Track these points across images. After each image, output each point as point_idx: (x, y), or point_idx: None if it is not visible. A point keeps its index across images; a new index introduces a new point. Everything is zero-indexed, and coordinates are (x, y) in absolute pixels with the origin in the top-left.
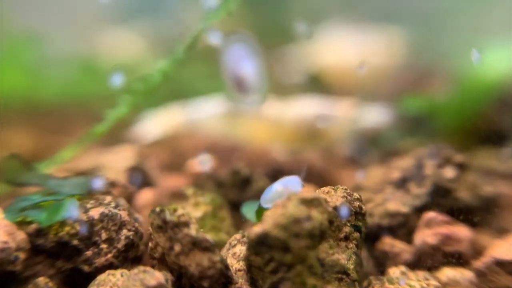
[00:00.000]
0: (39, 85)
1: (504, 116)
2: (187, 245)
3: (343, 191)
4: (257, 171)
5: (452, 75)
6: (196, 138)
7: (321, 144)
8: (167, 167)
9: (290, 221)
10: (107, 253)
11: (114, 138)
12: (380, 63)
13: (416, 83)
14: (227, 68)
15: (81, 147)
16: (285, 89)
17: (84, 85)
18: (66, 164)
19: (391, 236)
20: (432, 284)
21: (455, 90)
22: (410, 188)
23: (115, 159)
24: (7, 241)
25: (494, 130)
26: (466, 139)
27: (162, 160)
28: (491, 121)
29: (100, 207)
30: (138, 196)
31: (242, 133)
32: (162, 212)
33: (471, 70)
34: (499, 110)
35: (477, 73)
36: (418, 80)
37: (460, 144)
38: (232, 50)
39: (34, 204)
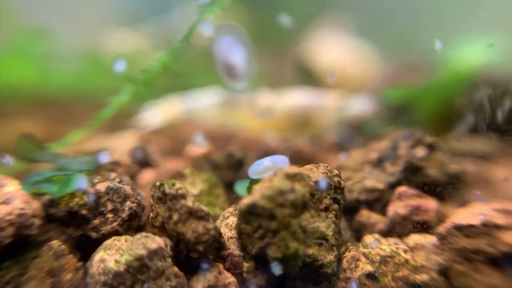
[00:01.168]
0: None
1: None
2: (184, 214)
3: (324, 168)
4: (250, 155)
5: (431, 69)
6: (194, 126)
7: (310, 132)
8: (167, 152)
9: (276, 192)
10: (113, 221)
11: (118, 126)
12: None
13: (399, 78)
14: (218, 56)
15: (87, 132)
16: (278, 82)
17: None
18: (74, 147)
19: (368, 209)
20: (400, 247)
21: (432, 81)
22: (385, 167)
23: (119, 143)
24: (24, 208)
25: (457, 114)
26: (441, 125)
27: (163, 146)
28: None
29: (106, 181)
30: (140, 175)
31: (237, 122)
32: (162, 185)
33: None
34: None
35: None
36: (401, 75)
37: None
38: (222, 40)
39: (46, 178)
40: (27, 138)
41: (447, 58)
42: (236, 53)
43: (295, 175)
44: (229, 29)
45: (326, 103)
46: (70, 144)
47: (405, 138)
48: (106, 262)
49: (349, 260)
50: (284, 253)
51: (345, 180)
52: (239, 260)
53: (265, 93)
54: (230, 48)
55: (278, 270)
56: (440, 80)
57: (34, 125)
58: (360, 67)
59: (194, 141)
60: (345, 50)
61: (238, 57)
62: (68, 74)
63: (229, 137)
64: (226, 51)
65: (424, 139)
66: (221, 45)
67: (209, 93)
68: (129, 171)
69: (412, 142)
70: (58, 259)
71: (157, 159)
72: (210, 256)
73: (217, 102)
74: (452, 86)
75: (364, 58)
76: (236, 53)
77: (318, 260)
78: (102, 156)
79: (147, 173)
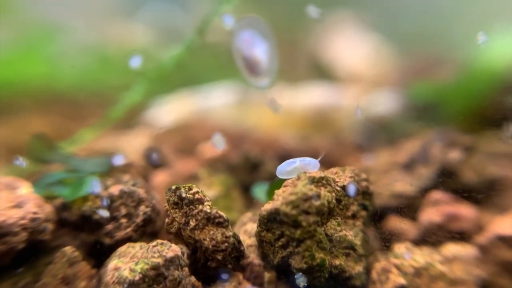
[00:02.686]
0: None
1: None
2: (202, 221)
3: (351, 171)
4: (266, 156)
5: (458, 63)
6: (207, 125)
7: (329, 131)
8: (179, 151)
9: (300, 198)
10: (127, 227)
11: (128, 123)
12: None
13: (424, 71)
14: (239, 51)
15: (99, 130)
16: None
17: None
18: (85, 145)
19: (397, 215)
20: (436, 258)
21: (462, 76)
22: (416, 169)
23: (131, 142)
24: (37, 212)
25: (499, 113)
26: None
27: (174, 145)
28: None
29: (119, 184)
30: (154, 176)
31: (252, 121)
32: (178, 189)
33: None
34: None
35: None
36: (426, 68)
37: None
38: (244, 34)
39: (59, 180)
40: (40, 138)
41: (474, 50)
42: (259, 48)
43: (320, 180)
44: (250, 22)
45: (345, 101)
46: (81, 142)
47: (438, 139)
48: (121, 270)
49: (379, 272)
50: (309, 264)
51: (372, 183)
52: (260, 269)
53: (281, 89)
54: (252, 42)
55: (302, 282)
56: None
57: (45, 122)
58: (379, 62)
59: (213, 142)
60: (363, 45)
61: (261, 52)
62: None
63: (243, 137)
64: (247, 45)
65: (459, 140)
66: (243, 39)
67: (222, 90)
68: (142, 172)
69: (446, 143)
70: (72, 266)
71: (170, 159)
72: (229, 266)
73: (230, 101)
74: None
75: (382, 53)
76: (258, 48)
77: (345, 271)
78: (116, 158)
79: (160, 175)
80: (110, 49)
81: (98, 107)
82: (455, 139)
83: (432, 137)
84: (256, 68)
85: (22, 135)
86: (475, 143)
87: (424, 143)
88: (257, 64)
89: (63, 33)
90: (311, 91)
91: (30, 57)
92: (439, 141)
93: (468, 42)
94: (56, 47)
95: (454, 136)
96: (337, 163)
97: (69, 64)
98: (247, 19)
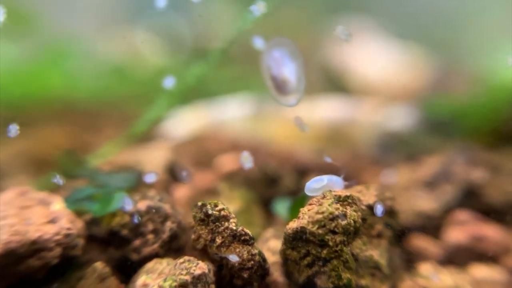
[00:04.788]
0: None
1: None
2: (228, 238)
3: (375, 190)
4: (284, 170)
5: (475, 76)
6: (222, 137)
7: (345, 145)
8: (196, 164)
9: (327, 218)
10: (154, 243)
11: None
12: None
13: (439, 83)
14: (268, 70)
15: (122, 144)
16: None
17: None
18: (108, 159)
19: (421, 234)
20: (465, 279)
21: (480, 91)
22: (439, 187)
23: (152, 155)
24: (70, 228)
25: None
26: (492, 140)
27: (191, 157)
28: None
29: (146, 200)
30: (175, 190)
31: (267, 134)
32: (204, 206)
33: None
34: None
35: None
36: (441, 80)
37: (486, 145)
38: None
39: (88, 195)
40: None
41: (497, 65)
42: (287, 68)
43: (346, 198)
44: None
45: (362, 115)
46: (105, 156)
47: (461, 155)
48: (149, 287)
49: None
50: (336, 284)
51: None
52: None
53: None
54: (281, 62)
55: None
56: (492, 91)
57: (63, 133)
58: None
59: (241, 162)
60: (382, 54)
61: (289, 72)
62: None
63: (259, 150)
64: (277, 65)
65: (482, 157)
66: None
67: (237, 102)
68: (164, 186)
69: (469, 160)
70: (103, 282)
71: (188, 172)
72: (255, 284)
73: (246, 112)
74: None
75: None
76: (287, 68)
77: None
78: (148, 176)
79: (181, 189)
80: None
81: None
82: (477, 156)
83: (453, 154)
84: (284, 87)
85: (43, 147)
86: (498, 161)
87: (445, 160)
88: (285, 83)
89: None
90: (327, 104)
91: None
92: (461, 159)
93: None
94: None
95: (476, 153)
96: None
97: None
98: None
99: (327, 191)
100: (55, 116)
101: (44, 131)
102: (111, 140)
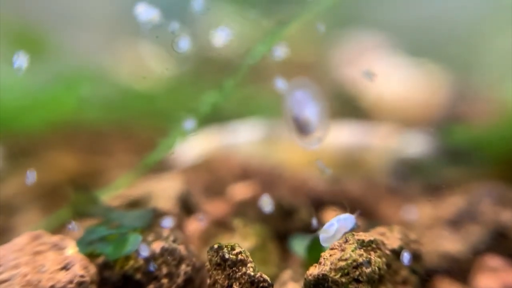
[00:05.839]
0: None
1: None
2: (246, 285)
3: (399, 232)
4: (299, 201)
5: (494, 99)
6: (234, 162)
7: (359, 172)
8: (206, 191)
9: (350, 265)
10: (168, 287)
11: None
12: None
13: (455, 106)
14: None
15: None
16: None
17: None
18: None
19: (447, 278)
20: None
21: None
22: (465, 227)
23: (163, 187)
24: (84, 275)
25: None
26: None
27: (202, 184)
28: None
29: (160, 241)
30: (187, 224)
31: (279, 158)
32: (221, 249)
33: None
34: None
35: None
36: (457, 102)
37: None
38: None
39: (101, 237)
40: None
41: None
42: (310, 109)
43: (369, 243)
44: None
45: (376, 142)
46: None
47: (488, 193)
48: None
49: None
50: None
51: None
52: None
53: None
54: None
55: None
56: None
57: (74, 159)
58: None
59: (260, 204)
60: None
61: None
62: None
63: (272, 177)
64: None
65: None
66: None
67: (249, 126)
68: (178, 222)
69: (497, 199)
70: None
71: (200, 203)
72: None
73: (257, 137)
74: None
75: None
76: (309, 109)
77: None
78: (165, 221)
79: (193, 223)
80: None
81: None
82: (506, 194)
83: (479, 191)
84: (306, 128)
85: (54, 174)
86: None
87: (471, 197)
88: (307, 125)
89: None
90: (340, 129)
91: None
92: (489, 196)
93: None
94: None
95: (505, 191)
96: (369, 208)
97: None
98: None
99: (349, 234)
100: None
101: (54, 156)
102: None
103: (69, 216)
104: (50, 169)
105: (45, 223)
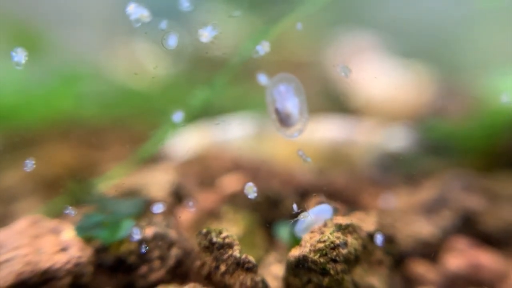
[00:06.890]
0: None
1: None
2: (232, 266)
3: (375, 217)
4: (285, 191)
5: (474, 97)
6: (225, 156)
7: (344, 165)
8: (199, 183)
9: (328, 246)
10: (159, 269)
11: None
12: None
13: (438, 104)
14: (272, 103)
15: (128, 166)
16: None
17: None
18: (115, 182)
19: (419, 260)
20: None
21: (478, 114)
22: (437, 212)
23: (156, 177)
24: (81, 256)
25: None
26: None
27: (194, 177)
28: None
29: (153, 226)
30: (179, 212)
31: (269, 153)
32: (209, 233)
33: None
34: None
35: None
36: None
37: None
38: (279, 87)
39: (97, 222)
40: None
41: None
42: (291, 102)
43: (346, 227)
44: (283, 78)
45: (361, 136)
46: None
47: (458, 181)
48: None
49: None
50: None
51: (391, 225)
52: None
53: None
54: (285, 96)
55: None
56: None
57: (70, 152)
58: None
59: (245, 191)
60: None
61: (293, 106)
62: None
63: (261, 170)
64: (281, 99)
65: (480, 183)
66: (276, 93)
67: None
68: (170, 210)
69: (466, 186)
70: None
71: (192, 193)
72: None
73: (248, 132)
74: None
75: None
76: (291, 102)
77: None
78: (156, 207)
79: (185, 212)
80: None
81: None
82: (474, 182)
83: (450, 179)
84: (287, 120)
85: (51, 166)
86: (495, 187)
87: (443, 185)
88: (289, 117)
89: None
90: (327, 124)
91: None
92: (458, 184)
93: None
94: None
95: (473, 179)
96: (353, 199)
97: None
98: (280, 76)
99: (328, 219)
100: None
101: (51, 150)
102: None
103: (67, 203)
104: (48, 161)
105: (44, 209)
